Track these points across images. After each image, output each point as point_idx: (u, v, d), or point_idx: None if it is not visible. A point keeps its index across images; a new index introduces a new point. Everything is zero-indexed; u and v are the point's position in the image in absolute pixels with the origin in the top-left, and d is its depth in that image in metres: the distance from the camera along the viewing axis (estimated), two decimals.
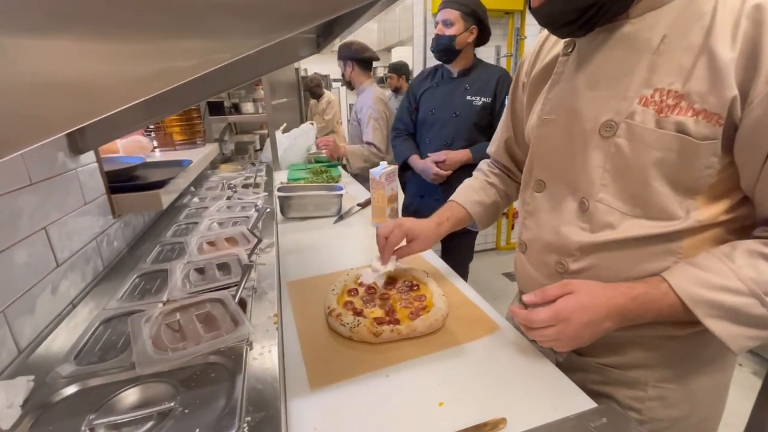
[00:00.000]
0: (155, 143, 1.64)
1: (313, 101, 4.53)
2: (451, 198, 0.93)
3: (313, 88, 4.35)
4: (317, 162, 2.45)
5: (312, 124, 2.70)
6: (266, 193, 1.48)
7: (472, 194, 0.91)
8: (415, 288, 0.86)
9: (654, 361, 0.63)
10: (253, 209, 1.22)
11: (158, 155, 1.55)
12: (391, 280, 0.90)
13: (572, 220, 0.63)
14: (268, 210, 1.18)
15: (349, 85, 2.33)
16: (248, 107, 2.55)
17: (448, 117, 1.63)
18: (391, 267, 0.85)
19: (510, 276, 3.03)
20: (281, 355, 0.59)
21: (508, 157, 0.90)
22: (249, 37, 0.37)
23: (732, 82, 0.48)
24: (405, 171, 1.83)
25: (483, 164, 0.98)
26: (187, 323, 0.63)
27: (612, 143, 0.57)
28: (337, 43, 0.83)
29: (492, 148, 0.93)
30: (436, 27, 1.57)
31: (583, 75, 0.61)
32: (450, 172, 1.63)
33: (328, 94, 4.43)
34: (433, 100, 1.68)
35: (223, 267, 0.84)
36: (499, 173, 0.94)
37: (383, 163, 1.29)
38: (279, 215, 1.42)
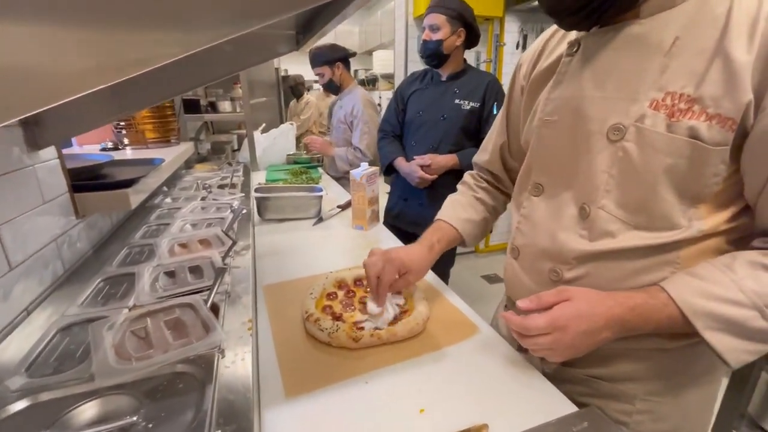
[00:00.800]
0: (126, 141, 1.57)
1: (292, 102, 4.48)
2: (438, 217, 0.87)
3: (297, 86, 4.30)
4: (297, 163, 2.41)
5: (292, 124, 2.66)
6: (243, 194, 1.43)
7: (460, 211, 0.86)
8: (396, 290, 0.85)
9: (644, 373, 0.62)
10: (229, 210, 1.17)
11: (129, 153, 1.49)
12: None
13: (571, 226, 0.61)
14: (245, 211, 1.14)
15: (334, 88, 2.28)
16: (225, 106, 2.48)
17: (435, 120, 1.62)
18: (391, 310, 0.74)
19: (489, 279, 3.07)
20: (255, 362, 0.56)
21: (501, 165, 0.86)
22: (217, 26, 0.35)
23: (748, 86, 0.46)
24: (390, 173, 1.82)
25: (468, 177, 0.94)
26: (155, 330, 0.59)
27: (620, 147, 0.54)
28: (315, 41, 0.80)
29: (484, 156, 0.88)
30: (423, 32, 1.57)
31: (589, 75, 0.58)
32: (435, 176, 1.61)
33: (307, 95, 4.40)
34: (421, 102, 1.67)
35: (196, 270, 0.80)
36: (487, 187, 0.90)
37: (364, 164, 1.28)
38: (256, 217, 1.38)
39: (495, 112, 1.58)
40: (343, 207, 1.49)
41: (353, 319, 0.74)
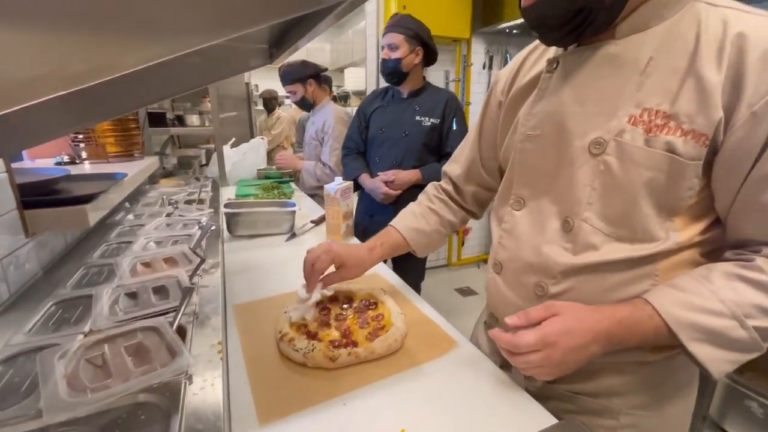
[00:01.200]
0: (84, 154, 1.49)
1: (263, 116, 4.43)
2: (391, 223, 0.89)
3: (270, 99, 4.26)
4: (268, 178, 2.36)
5: (263, 138, 2.62)
6: (212, 210, 1.38)
7: (411, 220, 0.88)
8: (373, 306, 0.83)
9: (627, 387, 0.62)
10: (197, 227, 1.12)
11: (87, 167, 1.40)
12: (347, 299, 0.86)
13: (555, 239, 0.61)
14: (213, 227, 1.10)
15: (307, 105, 2.27)
16: (193, 120, 2.42)
17: (398, 136, 1.66)
18: (317, 295, 0.78)
19: (462, 292, 3.09)
20: (226, 388, 0.53)
21: (468, 180, 0.87)
22: (183, 35, 0.34)
23: (719, 104, 0.48)
24: (355, 190, 1.82)
25: (429, 188, 0.94)
26: (114, 357, 0.55)
27: (601, 161, 0.56)
28: (288, 55, 0.79)
29: (454, 169, 0.89)
30: (382, 51, 1.61)
31: (570, 91, 0.60)
32: (399, 191, 1.64)
33: (279, 110, 4.37)
34: (383, 119, 1.71)
35: (160, 291, 0.75)
36: (446, 199, 0.90)
37: (338, 179, 1.27)
38: (225, 233, 1.33)
39: (455, 128, 1.65)
40: (317, 222, 1.47)
41: (329, 338, 0.72)
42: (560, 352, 0.52)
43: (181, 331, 0.62)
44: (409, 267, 1.80)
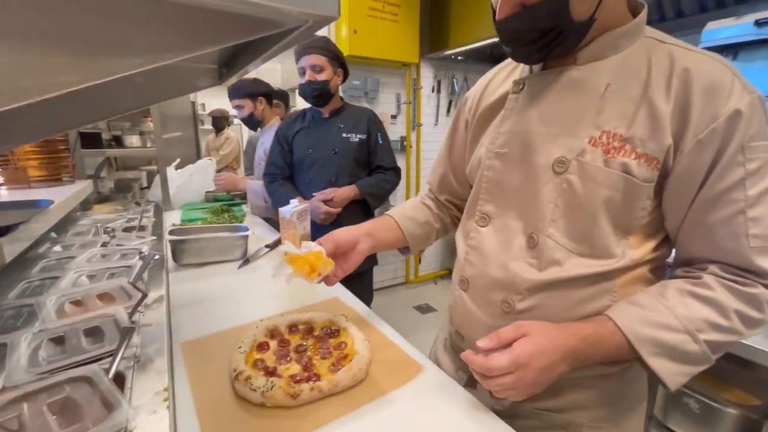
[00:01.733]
0: (0, 179, 1.33)
1: (211, 136, 4.26)
2: (387, 213, 0.91)
3: (220, 119, 4.10)
4: (217, 200, 2.25)
5: (211, 159, 2.50)
6: (154, 237, 1.28)
7: (405, 210, 0.90)
8: (335, 334, 0.80)
9: (589, 401, 0.64)
10: (137, 257, 1.03)
11: (4, 194, 1.25)
12: (307, 329, 0.82)
13: (520, 255, 0.62)
14: (157, 257, 1.01)
15: (254, 123, 2.21)
16: (133, 140, 2.26)
17: (327, 155, 1.66)
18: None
19: (421, 309, 3.10)
20: None
21: (446, 192, 0.91)
22: (125, 56, 0.31)
23: (668, 132, 0.53)
24: None
25: (420, 192, 0.98)
26: (34, 418, 0.47)
27: (564, 179, 0.58)
28: (239, 76, 0.76)
29: (433, 180, 0.93)
30: (301, 74, 1.60)
31: (535, 112, 0.63)
32: (340, 209, 1.62)
33: (228, 130, 4.22)
34: (309, 140, 1.69)
35: (94, 333, 0.67)
36: (435, 199, 0.93)
37: (294, 201, 1.23)
38: (171, 262, 1.23)
39: (380, 142, 1.72)
40: (272, 246, 1.41)
41: (290, 373, 0.67)
42: (532, 373, 0.52)
43: (120, 379, 0.55)
44: (358, 288, 1.76)
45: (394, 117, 3.20)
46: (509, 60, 0.75)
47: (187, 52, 0.44)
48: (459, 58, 3.19)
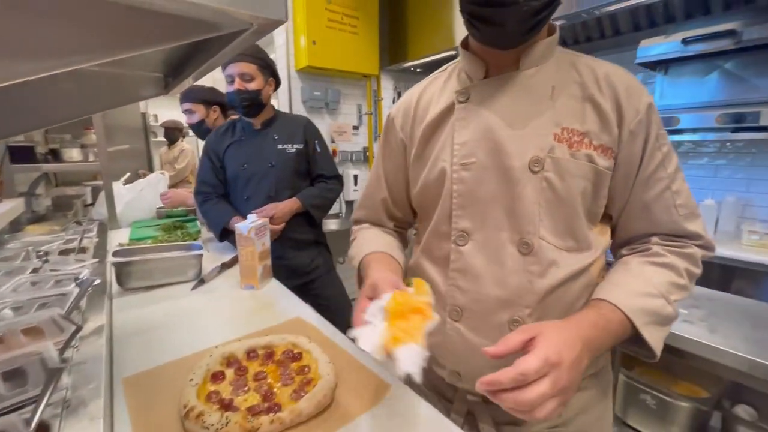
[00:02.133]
0: None
1: (163, 149, 4.04)
2: (364, 252, 0.75)
3: (173, 130, 3.88)
4: (170, 216, 2.12)
5: (163, 173, 2.36)
6: (96, 260, 1.17)
7: (377, 242, 0.77)
8: (297, 358, 0.75)
9: (588, 403, 0.66)
10: (73, 284, 0.93)
11: None
12: (268, 352, 0.76)
13: (517, 266, 0.60)
14: (98, 282, 0.92)
15: (203, 132, 2.08)
16: (73, 154, 2.08)
17: (264, 169, 1.56)
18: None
19: None
20: None
21: (385, 216, 0.84)
22: (37, 56, 0.27)
23: (615, 124, 0.59)
24: (225, 238, 1.59)
25: (354, 226, 0.89)
26: None
27: (542, 177, 0.59)
28: (187, 85, 0.72)
29: (361, 213, 0.86)
30: (229, 82, 1.50)
31: (493, 117, 0.62)
32: (283, 225, 1.53)
33: (182, 142, 4.03)
34: (242, 155, 1.58)
35: (15, 375, 0.58)
36: (380, 227, 0.86)
37: (252, 216, 1.17)
38: (115, 287, 1.13)
39: (319, 150, 1.65)
40: (229, 264, 1.33)
41: (248, 404, 0.62)
42: (566, 370, 0.44)
43: (44, 430, 0.48)
44: (337, 308, 1.70)
45: (356, 128, 3.19)
46: (433, 76, 0.75)
47: (115, 54, 0.39)
48: (418, 70, 3.25)
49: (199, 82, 1.56)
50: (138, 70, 0.79)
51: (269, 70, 1.55)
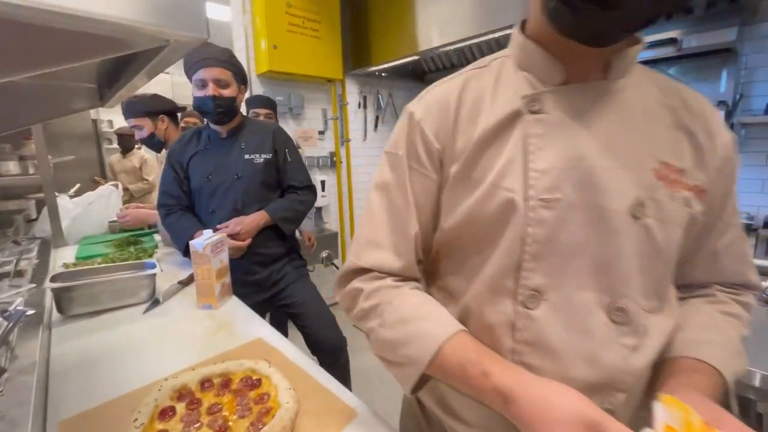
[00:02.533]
0: None
1: (115, 157, 3.79)
2: (452, 332, 0.50)
3: (129, 138, 3.62)
4: (124, 231, 1.99)
5: (116, 184, 2.22)
6: (34, 285, 1.07)
7: (444, 315, 0.53)
8: (256, 385, 0.71)
9: None
10: (1, 316, 0.84)
11: None
12: (224, 381, 0.72)
13: (609, 338, 0.47)
14: (30, 313, 0.83)
15: (157, 145, 1.95)
16: (10, 167, 1.92)
17: (230, 181, 1.47)
18: None
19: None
20: None
21: (417, 263, 0.58)
22: None
23: (708, 160, 0.50)
24: (186, 255, 1.48)
25: (372, 283, 0.57)
26: None
27: (642, 225, 0.46)
28: (126, 94, 0.66)
29: (380, 256, 0.56)
30: (201, 86, 1.40)
31: (585, 140, 0.47)
32: (249, 240, 1.45)
33: (142, 151, 3.80)
34: (207, 166, 1.49)
35: None
36: (412, 279, 0.59)
37: (207, 232, 1.11)
38: (55, 315, 1.03)
39: (290, 159, 1.56)
40: (185, 282, 1.26)
41: None
42: None
43: None
44: (311, 313, 1.61)
45: (321, 133, 3.14)
46: (470, 71, 0.55)
47: (28, 70, 0.36)
48: (383, 74, 3.25)
49: (151, 86, 1.47)
50: (69, 81, 0.72)
51: (240, 76, 1.48)
